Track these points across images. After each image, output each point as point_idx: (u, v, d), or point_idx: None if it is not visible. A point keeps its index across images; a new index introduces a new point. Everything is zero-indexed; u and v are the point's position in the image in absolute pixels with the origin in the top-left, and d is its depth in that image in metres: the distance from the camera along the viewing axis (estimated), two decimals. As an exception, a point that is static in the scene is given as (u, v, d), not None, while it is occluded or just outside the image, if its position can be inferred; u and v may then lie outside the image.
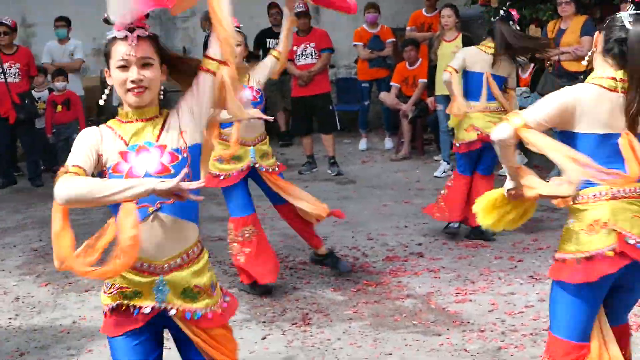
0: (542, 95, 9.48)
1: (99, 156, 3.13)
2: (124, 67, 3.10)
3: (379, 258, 7.13)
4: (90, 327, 5.82)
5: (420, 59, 11.64)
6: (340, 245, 7.53)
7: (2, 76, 10.92)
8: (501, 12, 7.40)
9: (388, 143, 12.57)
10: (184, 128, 3.18)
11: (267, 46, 12.90)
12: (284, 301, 6.15)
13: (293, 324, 5.69)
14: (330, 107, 11.12)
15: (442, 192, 7.70)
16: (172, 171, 3.08)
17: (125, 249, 2.94)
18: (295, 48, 11.03)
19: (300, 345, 5.33)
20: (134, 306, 3.20)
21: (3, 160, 11.41)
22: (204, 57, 3.24)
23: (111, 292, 3.23)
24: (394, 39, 12.58)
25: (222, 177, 6.18)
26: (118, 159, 3.12)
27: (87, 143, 3.13)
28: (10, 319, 6.11)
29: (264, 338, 5.49)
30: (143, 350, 3.26)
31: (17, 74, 11.02)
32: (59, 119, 11.42)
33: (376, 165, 11.60)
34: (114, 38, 3.11)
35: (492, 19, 11.39)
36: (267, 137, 6.41)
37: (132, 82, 3.09)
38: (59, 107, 11.34)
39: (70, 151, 8.75)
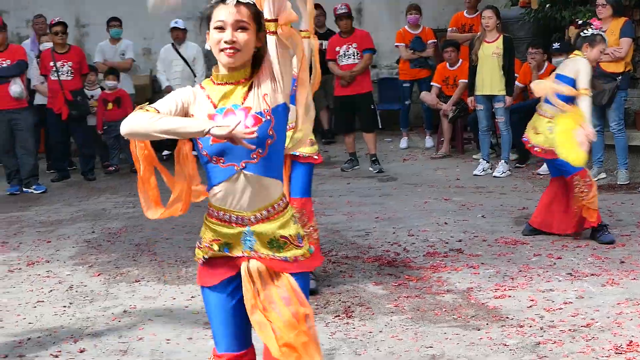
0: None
1: (187, 113, 3.32)
2: (221, 29, 3.25)
3: (420, 254, 7.27)
4: (141, 316, 6.00)
5: (461, 60, 11.77)
6: (381, 241, 7.69)
7: (56, 74, 11.22)
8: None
9: (428, 142, 12.70)
10: (265, 91, 3.30)
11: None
12: (327, 294, 6.29)
13: (336, 317, 5.81)
14: (372, 106, 11.27)
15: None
16: (256, 134, 3.18)
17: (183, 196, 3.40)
18: (337, 49, 11.22)
19: (343, 337, 5.45)
20: (225, 256, 3.39)
21: (57, 155, 11.73)
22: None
23: (203, 246, 3.44)
24: (435, 40, 12.71)
25: None
26: (205, 117, 3.30)
27: (177, 97, 3.34)
28: (64, 307, 6.29)
29: (307, 329, 5.63)
30: (237, 309, 3.42)
31: (69, 72, 11.30)
32: (109, 116, 11.73)
33: (417, 163, 11.73)
34: (217, 2, 3.27)
35: (531, 20, 11.54)
36: None
37: (226, 42, 3.24)
38: (110, 105, 11.61)
39: (121, 147, 9.12)
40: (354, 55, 11.14)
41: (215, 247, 3.40)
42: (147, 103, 3.35)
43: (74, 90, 11.28)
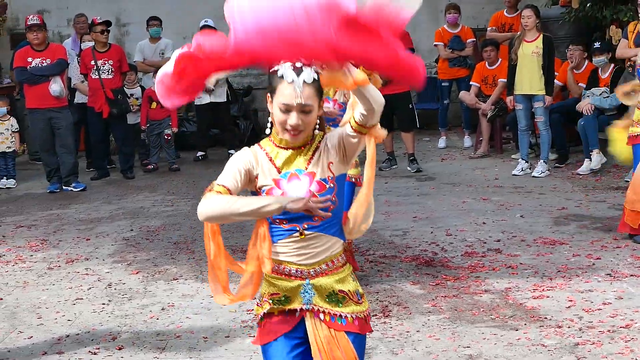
0: (622, 94, 9.47)
1: (251, 178, 3.33)
2: (286, 112, 3.22)
3: (458, 253, 7.24)
4: (179, 314, 6.05)
5: (500, 59, 11.70)
6: (419, 240, 7.67)
7: (96, 73, 11.31)
8: None
9: (467, 141, 12.64)
10: (331, 159, 3.31)
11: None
12: (364, 293, 6.28)
13: (373, 316, 5.77)
14: (410, 106, 11.23)
15: None
16: (329, 203, 3.23)
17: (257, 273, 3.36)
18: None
19: (380, 336, 5.45)
20: (285, 309, 3.38)
21: (97, 153, 11.84)
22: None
23: (261, 302, 3.44)
24: (474, 39, 12.66)
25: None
26: (272, 185, 3.30)
27: (239, 165, 3.32)
28: (103, 304, 6.36)
29: (345, 328, 5.63)
30: (301, 354, 3.41)
31: (110, 71, 11.39)
32: (153, 115, 11.83)
33: (455, 162, 11.68)
34: (282, 77, 3.19)
35: (571, 19, 11.44)
36: None
37: (291, 126, 3.24)
38: (154, 104, 11.71)
39: (161, 146, 9.17)
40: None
41: (275, 301, 3.39)
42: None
43: (114, 88, 11.36)
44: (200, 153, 12.56)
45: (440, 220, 8.39)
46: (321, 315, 3.35)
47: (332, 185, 3.31)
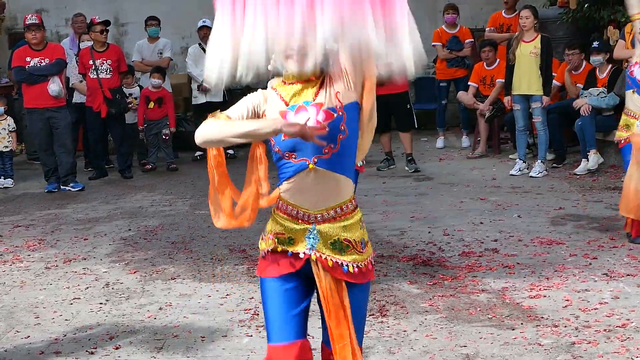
0: (619, 95, 9.52)
1: (258, 114, 3.37)
2: None
3: (455, 253, 7.25)
4: (176, 313, 6.04)
5: (498, 60, 11.71)
6: (416, 240, 7.68)
7: (95, 72, 11.31)
8: None
9: (465, 141, 12.66)
10: (338, 89, 3.33)
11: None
12: (361, 293, 6.29)
13: (370, 315, 5.76)
14: (408, 106, 11.22)
15: None
16: (327, 129, 3.24)
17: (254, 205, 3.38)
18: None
19: (377, 335, 5.46)
20: (287, 251, 3.43)
21: (95, 153, 11.84)
22: None
23: (267, 238, 3.49)
24: (473, 40, 12.67)
25: None
26: (278, 117, 3.34)
27: (248, 101, 3.40)
28: (101, 304, 6.35)
29: (342, 327, 5.64)
30: (291, 296, 3.46)
31: (108, 70, 11.38)
32: (150, 115, 11.84)
33: (453, 162, 11.69)
34: None
35: (569, 20, 11.46)
36: None
37: (296, 59, 3.30)
38: (152, 104, 11.71)
39: (159, 146, 9.16)
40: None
41: (280, 240, 3.44)
42: (219, 110, 3.40)
43: (112, 88, 11.36)
44: (198, 153, 12.57)
45: (438, 220, 8.40)
46: (325, 261, 3.39)
47: (340, 113, 3.32)
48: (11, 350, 5.51)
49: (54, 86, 10.61)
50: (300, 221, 3.40)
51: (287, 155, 3.34)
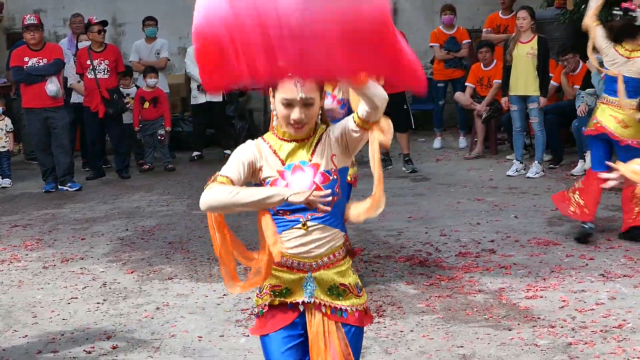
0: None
1: (254, 170, 3.37)
2: (288, 106, 3.28)
3: (452, 254, 7.26)
4: (173, 313, 6.06)
5: (495, 60, 11.72)
6: (413, 241, 7.69)
7: (92, 72, 11.31)
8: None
9: (462, 142, 12.66)
10: (334, 152, 3.37)
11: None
12: (358, 293, 6.30)
13: (367, 315, 5.84)
14: (406, 106, 11.23)
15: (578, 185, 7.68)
16: (330, 198, 3.28)
17: (267, 264, 3.31)
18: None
19: (374, 336, 5.47)
20: (287, 302, 3.44)
21: (92, 153, 11.84)
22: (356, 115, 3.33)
23: (261, 294, 3.49)
24: (470, 40, 12.68)
25: None
26: (276, 176, 3.36)
27: (243, 157, 3.36)
28: (98, 303, 6.37)
29: (339, 328, 5.65)
30: (296, 348, 3.47)
31: (106, 71, 11.36)
32: (145, 115, 11.83)
33: (450, 163, 11.70)
34: None
35: (566, 21, 11.46)
36: None
37: (294, 120, 3.30)
38: (147, 104, 11.71)
39: (155, 146, 9.19)
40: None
41: (277, 293, 3.45)
42: (217, 174, 3.35)
43: (110, 88, 11.33)
44: (195, 153, 12.57)
45: (435, 221, 8.41)
46: (322, 309, 3.41)
47: (335, 177, 3.36)
48: (9, 350, 5.53)
49: (52, 86, 10.62)
50: (295, 271, 3.42)
51: (281, 212, 3.36)
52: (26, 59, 10.73)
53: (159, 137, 11.99)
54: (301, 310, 3.44)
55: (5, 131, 11.34)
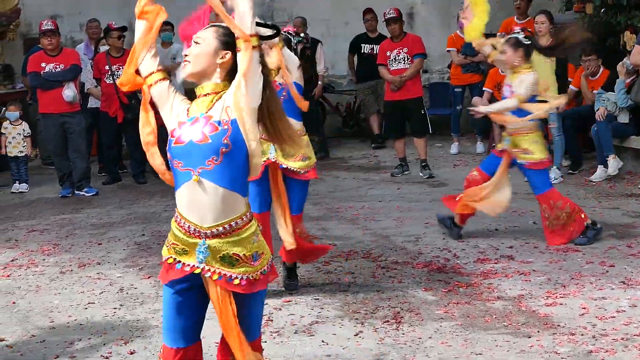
0: (635, 102, 9.48)
1: (169, 103, 3.71)
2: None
3: (470, 260, 7.21)
4: (191, 319, 6.06)
5: (514, 65, 11.64)
6: (431, 247, 7.65)
7: (111, 78, 11.32)
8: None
9: (479, 147, 12.60)
10: (229, 103, 3.54)
11: (362, 51, 13.15)
12: (376, 299, 6.27)
13: (385, 322, 5.79)
14: (423, 111, 11.22)
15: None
16: (210, 140, 3.48)
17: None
18: (388, 53, 11.21)
19: (392, 342, 5.43)
20: (179, 261, 3.62)
21: (109, 158, 11.85)
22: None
23: (167, 246, 3.69)
24: (487, 45, 12.60)
25: None
26: (175, 126, 3.61)
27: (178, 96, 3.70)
28: (115, 308, 6.36)
29: (356, 335, 5.60)
30: (183, 308, 3.71)
31: (124, 76, 11.36)
32: (161, 120, 11.78)
33: (467, 168, 11.56)
34: None
35: (585, 25, 11.38)
36: (305, 135, 6.30)
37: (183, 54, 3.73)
38: (161, 109, 11.71)
39: None
40: (404, 60, 11.11)
41: (175, 250, 3.64)
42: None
43: (128, 93, 11.36)
44: None
45: (453, 227, 8.35)
46: (213, 276, 3.57)
47: (226, 127, 3.51)
48: (27, 354, 5.52)
49: (69, 92, 10.64)
50: (191, 235, 3.57)
51: (175, 162, 3.55)
52: (43, 64, 10.76)
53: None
54: (187, 270, 3.60)
55: (22, 136, 11.37)
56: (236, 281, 3.58)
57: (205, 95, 3.62)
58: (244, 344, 3.69)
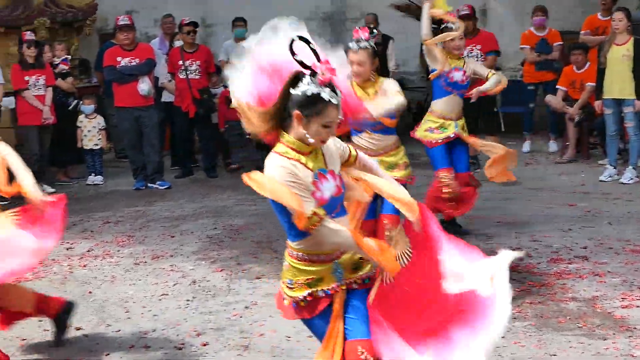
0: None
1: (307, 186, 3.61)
2: (327, 127, 3.59)
3: (543, 259, 7.12)
4: (262, 313, 6.07)
5: (589, 63, 11.48)
6: (503, 246, 7.53)
7: (184, 73, 11.45)
8: None
9: (552, 146, 12.44)
10: (335, 157, 3.80)
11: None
12: (448, 297, 6.23)
13: (457, 320, 5.77)
14: (495, 109, 11.11)
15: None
16: (343, 190, 3.74)
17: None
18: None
19: (464, 340, 5.42)
20: (320, 290, 3.76)
21: (181, 152, 11.99)
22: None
23: (296, 287, 3.79)
24: (562, 42, 12.44)
25: None
26: (313, 188, 3.61)
27: (297, 179, 3.58)
28: (188, 300, 6.44)
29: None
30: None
31: (197, 71, 11.50)
32: (231, 115, 11.87)
33: (540, 167, 11.51)
34: (330, 101, 3.54)
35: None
36: (399, 147, 6.52)
37: (324, 140, 3.65)
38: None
39: (242, 146, 9.40)
40: (477, 57, 11.01)
41: (310, 284, 3.76)
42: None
43: (201, 88, 11.48)
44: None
45: (525, 226, 8.27)
46: (354, 285, 3.78)
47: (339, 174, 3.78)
48: (102, 343, 5.63)
49: (144, 86, 10.79)
50: (323, 262, 3.74)
51: None
52: (119, 58, 10.92)
53: (248, 135, 12.01)
54: (331, 295, 3.75)
55: (97, 129, 11.57)
56: (370, 274, 3.81)
57: (311, 152, 3.67)
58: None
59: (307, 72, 3.54)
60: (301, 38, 3.58)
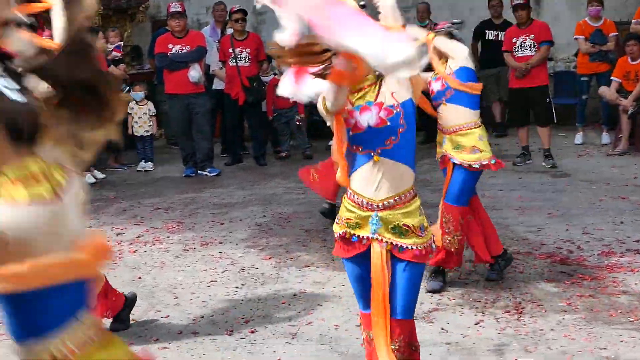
0: None
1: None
2: None
3: (594, 252, 7.03)
4: (310, 301, 6.09)
5: (645, 54, 11.30)
6: (554, 238, 7.49)
7: (234, 60, 11.49)
8: None
9: (605, 138, 12.27)
10: (393, 89, 3.80)
11: (487, 37, 12.95)
12: (497, 289, 6.20)
13: (506, 312, 5.72)
14: (548, 100, 10.98)
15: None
16: (388, 123, 3.76)
17: None
18: (514, 40, 11.01)
19: (513, 333, 5.37)
20: (354, 234, 3.88)
21: (231, 139, 12.04)
22: None
23: (340, 222, 3.93)
24: (617, 33, 12.25)
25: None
26: (347, 115, 3.77)
27: None
28: (237, 287, 6.48)
29: (476, 323, 5.56)
30: (362, 274, 3.94)
31: (247, 59, 11.54)
32: (280, 103, 11.91)
33: (592, 159, 11.36)
34: None
35: None
36: (477, 127, 6.10)
37: None
38: (281, 92, 11.82)
39: (291, 133, 9.55)
40: (530, 47, 10.90)
41: (349, 225, 3.88)
42: None
43: (250, 76, 11.50)
44: (332, 141, 12.60)
45: (576, 218, 8.16)
46: (384, 244, 3.82)
47: (398, 110, 3.77)
48: (152, 328, 5.68)
49: (195, 73, 10.85)
50: (364, 208, 3.82)
51: (354, 147, 3.78)
52: (170, 45, 10.99)
53: (297, 123, 12.06)
54: (367, 244, 3.85)
55: (148, 116, 11.67)
56: (409, 249, 3.82)
57: (369, 86, 3.81)
58: (387, 317, 3.83)
59: None
60: None
